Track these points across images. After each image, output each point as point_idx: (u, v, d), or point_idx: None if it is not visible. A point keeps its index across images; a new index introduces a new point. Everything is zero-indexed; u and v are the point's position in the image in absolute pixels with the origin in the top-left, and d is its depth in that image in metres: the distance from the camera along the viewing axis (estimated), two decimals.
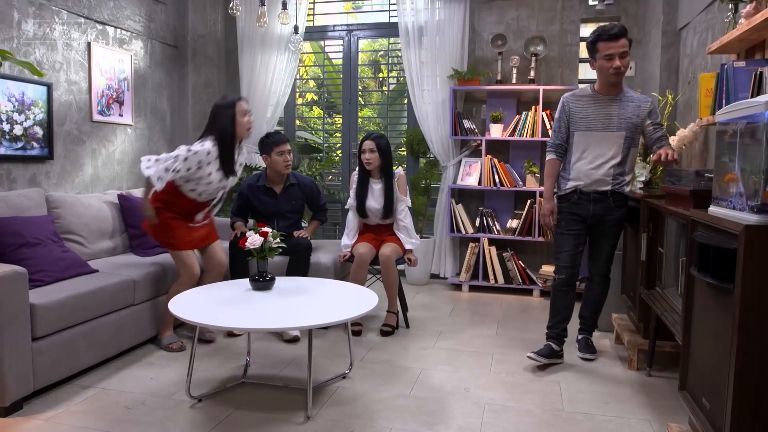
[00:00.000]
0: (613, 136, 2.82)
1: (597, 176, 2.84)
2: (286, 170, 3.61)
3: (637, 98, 2.86)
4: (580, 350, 3.07)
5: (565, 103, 2.94)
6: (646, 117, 2.82)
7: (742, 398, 1.57)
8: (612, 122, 2.82)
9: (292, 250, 3.44)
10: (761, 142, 1.50)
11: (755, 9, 2.22)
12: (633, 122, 2.81)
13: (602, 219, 2.90)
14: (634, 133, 2.84)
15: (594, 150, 2.86)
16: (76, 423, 2.28)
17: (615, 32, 2.71)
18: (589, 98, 2.88)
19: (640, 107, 2.82)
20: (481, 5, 4.76)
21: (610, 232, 2.94)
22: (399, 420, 2.33)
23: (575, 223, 2.93)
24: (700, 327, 1.92)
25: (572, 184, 2.90)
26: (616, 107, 2.82)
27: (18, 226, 2.79)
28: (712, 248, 1.73)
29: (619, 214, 2.90)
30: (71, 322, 2.63)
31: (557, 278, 2.98)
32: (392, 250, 3.46)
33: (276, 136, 3.63)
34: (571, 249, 2.93)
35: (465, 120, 4.66)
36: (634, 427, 2.30)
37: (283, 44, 5.01)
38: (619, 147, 2.82)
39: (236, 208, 3.70)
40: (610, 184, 2.85)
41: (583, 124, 2.87)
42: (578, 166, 2.89)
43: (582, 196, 2.89)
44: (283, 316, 2.40)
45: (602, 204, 2.88)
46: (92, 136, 3.96)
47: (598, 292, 3.08)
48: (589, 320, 3.13)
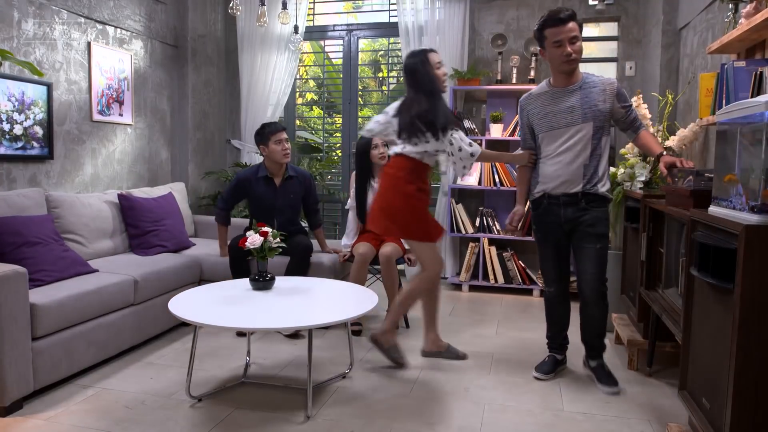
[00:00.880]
0: (577, 130, 2.56)
1: (565, 177, 2.60)
2: (285, 159, 3.59)
3: (600, 81, 2.59)
4: (600, 382, 2.65)
5: (522, 107, 2.74)
6: (614, 100, 2.57)
7: (742, 398, 1.57)
8: (575, 115, 2.56)
9: (292, 250, 3.44)
10: (761, 142, 1.50)
11: (755, 9, 2.22)
12: (599, 109, 2.54)
13: (577, 222, 2.62)
14: (603, 121, 2.57)
15: (560, 148, 2.61)
16: (76, 422, 2.28)
17: (562, 16, 2.47)
18: (547, 95, 2.65)
19: (605, 91, 2.56)
20: (481, 5, 4.76)
21: (587, 235, 2.61)
22: (399, 420, 2.33)
23: (551, 232, 2.71)
24: (700, 327, 1.92)
25: (540, 188, 2.70)
26: (577, 97, 2.57)
27: (18, 225, 2.79)
28: (712, 248, 1.73)
29: (594, 213, 2.60)
30: (71, 322, 2.63)
31: (547, 291, 2.82)
32: (392, 250, 3.46)
33: (272, 125, 3.62)
34: (553, 260, 2.75)
35: (465, 120, 4.65)
36: (634, 427, 2.30)
37: (283, 44, 5.01)
38: (587, 140, 2.56)
39: (227, 201, 3.64)
40: (581, 184, 2.59)
41: (544, 124, 2.64)
42: (544, 169, 2.67)
43: (552, 201, 2.66)
44: (283, 316, 2.40)
45: (573, 207, 2.61)
46: (92, 135, 3.96)
47: (595, 312, 2.68)
48: (593, 344, 2.75)
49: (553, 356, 2.87)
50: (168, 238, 3.74)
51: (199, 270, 3.67)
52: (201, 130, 4.97)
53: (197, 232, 4.44)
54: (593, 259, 2.62)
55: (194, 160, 4.88)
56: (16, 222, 2.80)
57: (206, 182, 5.01)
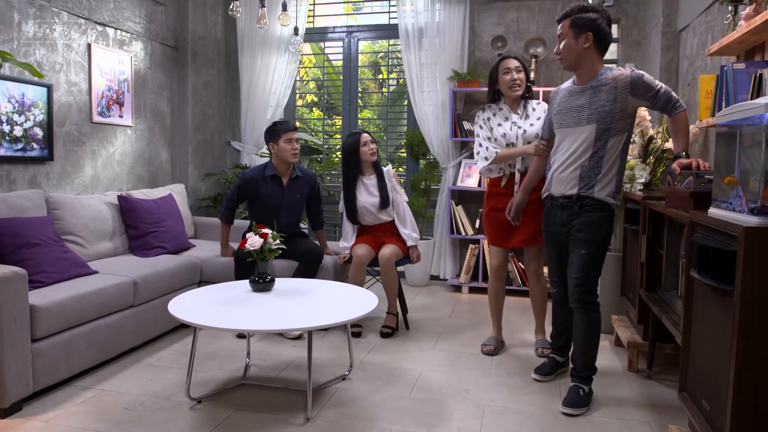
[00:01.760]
0: (582, 131, 2.47)
1: (564, 178, 2.53)
2: (294, 159, 3.59)
3: (612, 78, 2.42)
4: (563, 402, 2.47)
5: (549, 98, 2.72)
6: (628, 95, 2.40)
7: (742, 400, 1.57)
8: (582, 115, 2.47)
9: (304, 256, 3.44)
10: (761, 144, 1.50)
11: (755, 11, 2.23)
12: (606, 111, 2.41)
13: (569, 227, 2.55)
14: (610, 123, 2.42)
15: (564, 148, 2.55)
16: (75, 424, 2.28)
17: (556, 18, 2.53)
18: (567, 91, 2.59)
19: (616, 88, 2.40)
20: (481, 7, 4.77)
21: (576, 240, 2.51)
22: (399, 422, 2.33)
23: (553, 234, 2.69)
24: (700, 328, 1.92)
25: (545, 189, 2.69)
26: (587, 97, 2.47)
27: (18, 227, 2.79)
28: (711, 250, 1.73)
29: (585, 218, 2.48)
30: (71, 324, 2.63)
31: (552, 291, 2.83)
32: (392, 252, 3.46)
33: (284, 123, 3.63)
34: (555, 261, 2.73)
35: (465, 121, 4.66)
36: (634, 428, 2.30)
37: (283, 46, 5.02)
38: (589, 143, 2.45)
39: (232, 200, 3.63)
40: (576, 187, 2.49)
41: (557, 121, 2.60)
42: (551, 170, 2.63)
43: (553, 202, 2.62)
44: (283, 318, 2.40)
45: (568, 210, 2.54)
46: (92, 137, 3.96)
47: (578, 325, 2.53)
48: (577, 363, 2.54)
49: (554, 358, 2.87)
50: (168, 240, 3.74)
51: (199, 271, 3.67)
52: (201, 131, 4.97)
53: (197, 233, 4.44)
54: (575, 265, 2.51)
55: (194, 161, 4.89)
56: (16, 223, 2.80)
57: (206, 184, 5.01)
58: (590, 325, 2.52)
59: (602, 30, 2.44)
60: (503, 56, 3.11)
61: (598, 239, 2.49)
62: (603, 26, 2.45)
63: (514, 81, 3.04)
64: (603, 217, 2.49)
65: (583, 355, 2.53)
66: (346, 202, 3.62)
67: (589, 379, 2.54)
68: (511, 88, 3.05)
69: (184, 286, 3.49)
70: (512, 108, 3.13)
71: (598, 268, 2.54)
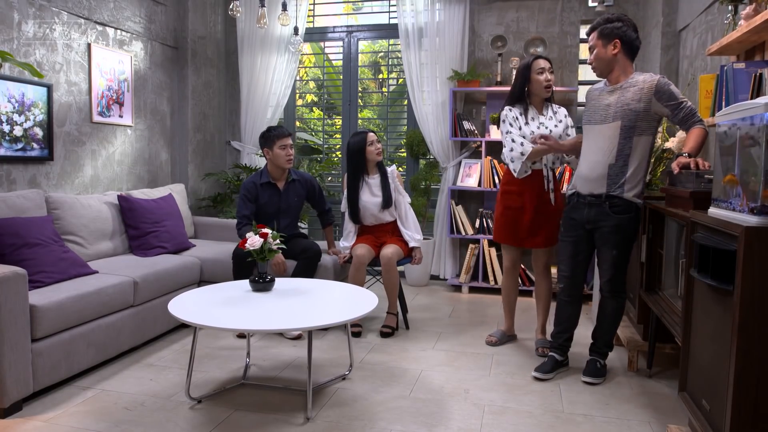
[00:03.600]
0: (608, 129, 2.59)
1: (591, 177, 2.65)
2: (288, 164, 3.59)
3: (642, 80, 2.56)
4: (583, 373, 2.78)
5: (586, 94, 2.82)
6: (652, 98, 2.52)
7: (742, 399, 1.57)
8: (609, 112, 2.61)
9: (301, 255, 3.44)
10: (761, 144, 1.50)
11: (755, 11, 2.23)
12: (631, 108, 2.54)
13: (597, 226, 2.68)
14: (634, 121, 2.54)
15: (590, 147, 2.68)
16: (75, 424, 2.28)
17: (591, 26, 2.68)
18: (598, 91, 2.73)
19: (643, 89, 2.53)
20: (481, 7, 4.77)
21: (606, 241, 2.66)
22: (399, 421, 2.33)
23: (573, 229, 2.76)
24: (699, 328, 1.92)
25: (572, 186, 2.79)
26: (616, 96, 2.61)
27: (18, 226, 2.79)
28: (711, 250, 1.73)
29: (615, 220, 2.61)
30: (71, 323, 2.63)
31: (559, 287, 2.87)
32: (394, 252, 3.46)
33: (278, 129, 3.61)
34: (569, 257, 2.79)
35: (465, 121, 4.66)
36: (634, 428, 2.30)
37: (283, 45, 5.02)
38: (614, 140, 2.56)
39: (246, 207, 3.54)
40: (605, 186, 2.62)
41: (586, 117, 2.73)
42: (578, 169, 2.76)
43: (580, 200, 2.73)
44: (283, 318, 2.40)
45: (597, 209, 2.65)
46: (92, 137, 3.96)
47: (606, 308, 2.78)
48: (599, 341, 2.82)
49: (554, 356, 2.87)
50: (168, 240, 3.74)
51: (199, 271, 3.67)
52: (201, 131, 4.97)
53: (197, 233, 4.44)
54: (607, 262, 2.70)
55: (194, 161, 4.89)
56: (16, 223, 2.80)
57: (206, 183, 5.02)
58: (618, 309, 2.78)
59: (628, 36, 2.60)
60: (535, 56, 3.12)
61: (627, 239, 2.68)
62: (629, 32, 2.60)
63: (548, 81, 3.06)
64: (631, 218, 2.64)
65: (606, 334, 2.82)
66: (349, 201, 3.62)
67: (606, 355, 2.84)
68: (546, 88, 3.07)
69: (184, 286, 3.49)
70: (538, 108, 3.15)
71: (627, 262, 2.74)
